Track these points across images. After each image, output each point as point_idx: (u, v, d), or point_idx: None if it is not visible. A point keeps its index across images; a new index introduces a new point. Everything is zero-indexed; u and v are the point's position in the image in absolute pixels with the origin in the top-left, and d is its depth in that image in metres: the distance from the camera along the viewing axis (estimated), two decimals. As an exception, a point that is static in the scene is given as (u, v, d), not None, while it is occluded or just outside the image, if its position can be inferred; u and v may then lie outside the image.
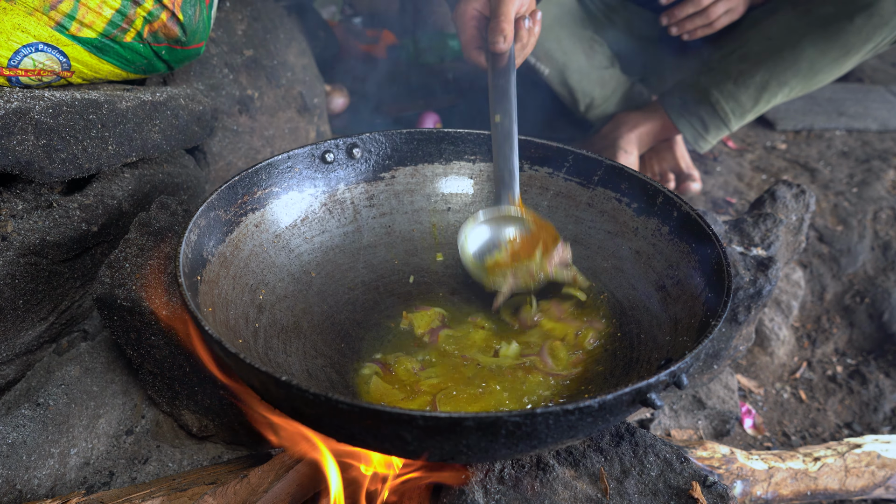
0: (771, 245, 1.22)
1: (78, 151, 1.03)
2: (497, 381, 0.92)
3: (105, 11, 1.03)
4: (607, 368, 0.92)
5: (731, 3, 1.58)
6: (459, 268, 1.12)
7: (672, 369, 0.70)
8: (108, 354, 1.09)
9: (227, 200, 0.95)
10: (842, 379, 1.57)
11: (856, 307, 1.67)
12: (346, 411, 0.65)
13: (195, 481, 0.94)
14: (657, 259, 0.97)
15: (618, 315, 0.98)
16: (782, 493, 1.12)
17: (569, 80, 1.77)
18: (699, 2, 1.57)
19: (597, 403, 0.65)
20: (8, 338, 1.04)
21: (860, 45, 1.48)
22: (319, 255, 1.06)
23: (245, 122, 1.50)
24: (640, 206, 1.02)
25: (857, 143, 2.16)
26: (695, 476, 0.87)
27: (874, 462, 1.19)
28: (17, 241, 1.02)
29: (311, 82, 1.70)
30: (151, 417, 1.10)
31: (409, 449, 0.70)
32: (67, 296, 1.10)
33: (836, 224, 1.78)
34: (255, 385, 0.74)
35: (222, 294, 0.89)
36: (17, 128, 0.96)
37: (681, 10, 1.60)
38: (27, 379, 1.06)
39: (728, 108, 1.63)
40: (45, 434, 0.99)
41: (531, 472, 0.85)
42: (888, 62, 2.79)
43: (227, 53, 1.47)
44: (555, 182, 1.10)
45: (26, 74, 1.02)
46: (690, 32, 1.63)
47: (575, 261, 1.06)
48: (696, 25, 1.61)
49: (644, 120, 1.75)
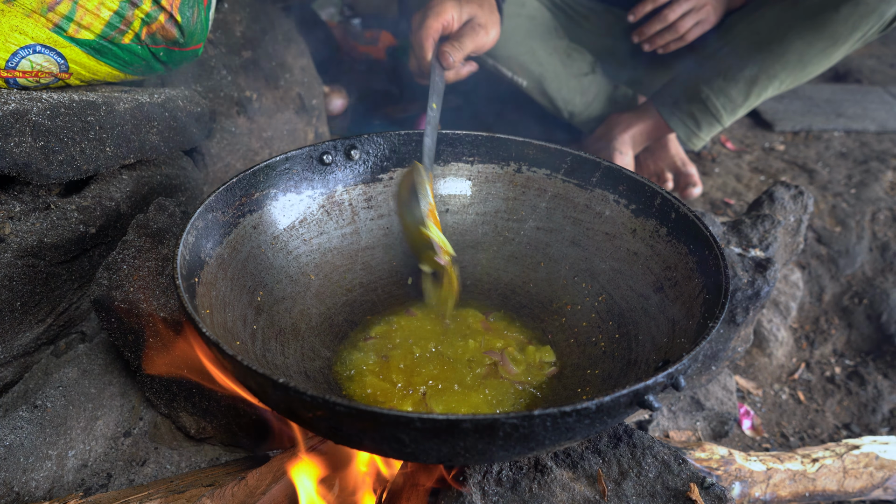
0: (769, 246, 1.22)
1: (76, 153, 1.03)
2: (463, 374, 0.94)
3: (103, 13, 1.03)
4: (605, 370, 0.92)
5: (699, 14, 1.60)
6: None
7: (669, 371, 0.70)
8: (106, 356, 1.08)
9: (225, 202, 0.95)
10: (840, 380, 1.57)
11: (854, 308, 1.67)
12: (344, 413, 0.65)
13: (193, 483, 0.94)
14: (655, 260, 0.97)
15: (615, 317, 0.98)
16: (781, 494, 1.12)
17: (548, 90, 1.78)
18: (665, 17, 1.60)
19: (594, 405, 0.65)
20: (5, 340, 1.04)
21: (847, 34, 1.48)
22: (317, 257, 1.06)
23: (243, 124, 1.50)
24: (637, 207, 1.02)
25: (855, 144, 2.17)
26: (693, 477, 0.87)
27: (872, 463, 1.19)
28: (15, 243, 1.02)
29: (310, 83, 1.70)
30: (149, 419, 1.10)
31: (406, 451, 0.70)
32: (65, 298, 1.10)
33: (835, 225, 1.79)
34: (252, 387, 0.74)
35: (220, 296, 0.89)
36: (14, 129, 0.96)
37: (649, 28, 1.63)
38: (25, 381, 1.06)
39: (719, 104, 1.63)
40: (43, 436, 0.99)
41: (529, 473, 0.85)
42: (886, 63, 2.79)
43: (225, 55, 1.47)
44: (553, 183, 1.10)
45: (24, 76, 1.02)
46: (663, 47, 1.66)
47: (573, 262, 1.06)
48: (666, 41, 1.64)
49: (637, 120, 1.76)
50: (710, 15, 1.61)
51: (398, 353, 0.97)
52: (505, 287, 1.09)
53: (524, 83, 1.76)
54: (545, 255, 1.09)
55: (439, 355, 0.98)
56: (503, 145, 1.12)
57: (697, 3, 1.59)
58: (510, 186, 1.13)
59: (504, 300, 1.08)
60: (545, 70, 1.75)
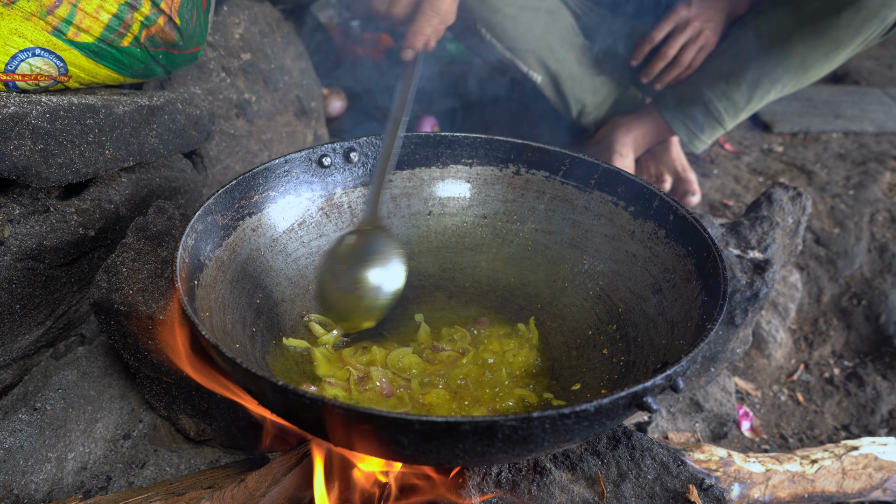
0: (767, 248, 1.22)
1: (75, 156, 1.03)
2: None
3: (102, 16, 1.03)
4: (604, 372, 0.92)
5: (699, 41, 1.63)
6: (456, 272, 1.12)
7: (668, 373, 0.70)
8: (106, 359, 1.09)
9: (225, 205, 0.95)
10: (839, 381, 1.58)
11: (853, 309, 1.67)
12: (343, 416, 0.65)
13: (192, 485, 0.94)
14: (654, 262, 0.97)
15: (614, 318, 0.98)
16: (780, 495, 1.12)
17: (561, 88, 1.78)
18: (665, 55, 1.64)
19: (593, 407, 0.66)
20: (5, 342, 1.04)
21: (849, 39, 1.48)
22: (316, 259, 1.06)
23: (242, 126, 1.51)
24: (636, 209, 1.02)
25: (853, 145, 2.17)
26: (691, 479, 0.87)
27: (871, 464, 1.19)
28: (15, 246, 1.02)
29: (309, 86, 1.71)
30: (149, 422, 1.10)
31: (405, 453, 0.71)
32: (64, 300, 1.10)
33: (833, 226, 1.79)
34: (252, 389, 0.74)
35: (219, 298, 0.89)
36: (13, 133, 0.96)
37: (653, 68, 1.68)
38: (24, 383, 1.06)
39: (721, 108, 1.63)
40: (43, 439, 0.99)
41: (528, 475, 0.86)
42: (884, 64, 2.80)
43: (224, 57, 1.47)
44: (551, 185, 1.11)
45: (23, 79, 1.02)
46: (675, 79, 1.70)
47: (572, 264, 1.06)
48: (673, 75, 1.68)
49: (639, 122, 1.76)
50: (710, 38, 1.64)
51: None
52: (504, 289, 1.09)
53: (538, 79, 1.75)
54: (544, 256, 1.09)
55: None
56: (502, 147, 1.12)
57: (694, 32, 1.62)
58: (509, 188, 1.13)
59: (503, 302, 1.08)
60: (561, 67, 1.75)
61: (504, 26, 1.66)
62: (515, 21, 1.66)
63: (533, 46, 1.70)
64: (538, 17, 1.69)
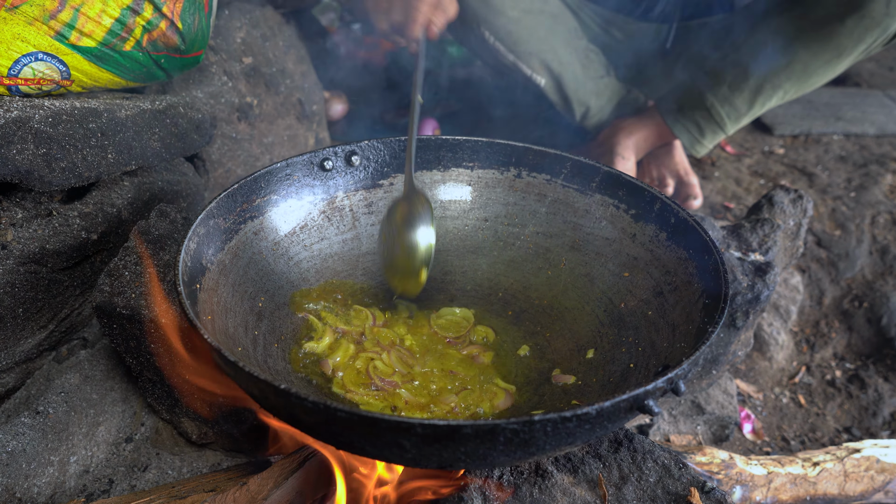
0: (769, 250, 1.22)
1: (77, 160, 1.04)
2: None
3: (104, 21, 1.03)
4: (605, 375, 0.92)
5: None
6: (458, 275, 1.12)
7: (669, 376, 0.70)
8: (108, 362, 1.09)
9: (226, 208, 0.95)
10: (841, 383, 1.57)
11: (854, 312, 1.67)
12: (345, 419, 0.66)
13: (194, 489, 0.94)
14: (655, 265, 0.97)
15: (615, 321, 0.98)
16: (781, 498, 1.12)
17: (565, 90, 1.77)
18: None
19: (594, 410, 0.66)
20: (8, 346, 1.04)
21: (852, 46, 1.49)
22: (318, 263, 1.06)
23: (244, 130, 1.51)
24: (637, 212, 1.02)
25: (854, 147, 2.17)
26: (693, 482, 0.87)
27: (873, 467, 1.19)
28: (17, 250, 1.02)
29: (310, 89, 1.71)
30: (151, 425, 1.10)
31: (407, 456, 0.71)
32: (67, 304, 1.11)
33: (835, 229, 1.79)
34: (254, 393, 0.74)
35: (221, 302, 0.89)
36: (16, 137, 0.96)
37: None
38: (27, 387, 1.06)
39: (723, 113, 1.63)
40: (45, 442, 0.99)
41: (530, 478, 0.86)
42: (885, 66, 2.80)
43: (225, 61, 1.48)
44: (553, 188, 1.11)
45: (26, 83, 1.03)
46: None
47: (573, 266, 1.06)
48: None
49: (641, 126, 1.76)
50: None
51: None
52: (505, 292, 1.10)
53: (542, 82, 1.75)
54: (545, 259, 1.09)
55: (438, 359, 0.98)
56: (503, 150, 1.12)
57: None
58: (510, 191, 1.13)
59: (504, 305, 1.08)
60: (564, 70, 1.75)
61: (508, 29, 1.66)
62: (519, 24, 1.66)
63: (536, 49, 1.70)
64: (541, 20, 1.69)
